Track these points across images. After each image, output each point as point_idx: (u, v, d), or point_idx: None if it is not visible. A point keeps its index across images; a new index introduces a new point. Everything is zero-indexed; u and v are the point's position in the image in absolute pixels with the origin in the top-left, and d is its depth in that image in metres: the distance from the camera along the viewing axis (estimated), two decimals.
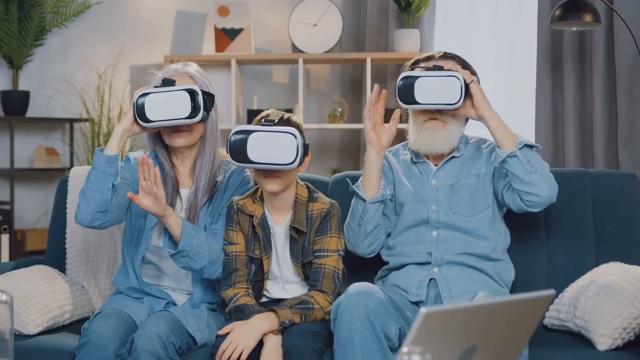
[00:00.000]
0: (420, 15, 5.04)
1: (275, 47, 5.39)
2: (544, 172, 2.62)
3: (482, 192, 2.76)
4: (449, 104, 2.64)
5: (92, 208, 2.66)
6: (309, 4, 5.12)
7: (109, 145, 2.69)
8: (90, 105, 5.25)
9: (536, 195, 2.61)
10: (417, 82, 2.65)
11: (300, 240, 2.67)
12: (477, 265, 2.72)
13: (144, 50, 5.36)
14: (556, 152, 4.91)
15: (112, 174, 2.65)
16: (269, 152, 2.51)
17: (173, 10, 5.39)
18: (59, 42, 5.33)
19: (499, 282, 2.76)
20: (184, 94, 2.65)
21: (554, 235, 2.99)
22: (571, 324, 2.66)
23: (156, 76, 2.81)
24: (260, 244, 2.69)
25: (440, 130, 2.76)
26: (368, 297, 2.41)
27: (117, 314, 2.63)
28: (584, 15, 3.93)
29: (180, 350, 2.56)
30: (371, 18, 5.24)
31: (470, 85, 2.66)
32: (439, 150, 2.78)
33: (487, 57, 5.17)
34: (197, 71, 2.82)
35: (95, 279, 3.18)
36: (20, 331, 2.76)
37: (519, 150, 2.61)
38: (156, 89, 2.67)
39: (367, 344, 2.38)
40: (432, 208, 2.77)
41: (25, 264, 3.21)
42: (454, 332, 1.55)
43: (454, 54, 2.87)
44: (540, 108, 4.90)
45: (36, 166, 5.15)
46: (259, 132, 2.53)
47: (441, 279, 2.70)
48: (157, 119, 2.66)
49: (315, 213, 2.67)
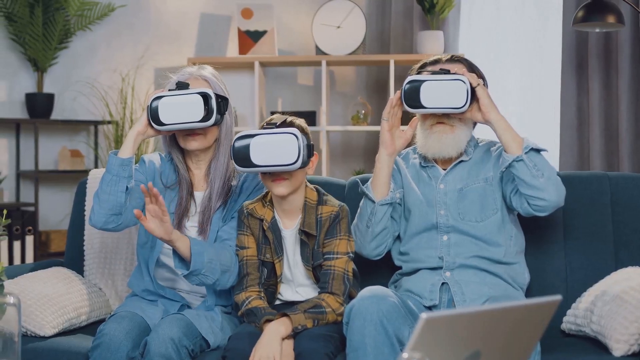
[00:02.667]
0: (444, 16, 5.02)
1: (299, 49, 5.39)
2: (551, 176, 2.60)
3: (490, 196, 2.74)
4: (455, 107, 2.62)
5: (106, 211, 2.67)
6: (333, 6, 5.12)
7: (123, 148, 2.69)
8: (113, 108, 5.28)
9: (543, 199, 2.59)
10: (423, 86, 2.63)
11: (310, 244, 2.67)
12: (489, 269, 2.70)
13: (168, 53, 5.38)
14: (581, 155, 4.86)
15: (125, 176, 2.65)
16: (272, 154, 2.51)
17: (197, 13, 5.40)
18: (83, 45, 5.36)
19: (513, 285, 2.73)
20: (197, 97, 2.65)
21: (571, 239, 2.95)
22: (588, 329, 2.63)
23: (171, 79, 2.81)
24: (272, 247, 2.69)
25: (448, 134, 2.74)
26: (381, 301, 2.40)
27: (131, 317, 2.63)
28: (608, 16, 3.88)
29: (193, 353, 2.56)
30: (396, 20, 5.22)
31: (477, 88, 2.64)
32: (447, 155, 2.76)
33: (511, 58, 5.13)
34: (212, 74, 2.82)
35: (113, 281, 3.20)
36: (36, 333, 2.78)
37: (525, 154, 2.58)
38: (170, 92, 2.68)
39: (379, 348, 2.36)
40: (440, 213, 2.76)
41: (44, 265, 3.23)
42: (456, 338, 1.53)
43: (462, 57, 2.85)
44: (565, 110, 4.85)
45: (61, 168, 5.19)
46: (260, 136, 2.53)
47: (453, 283, 2.68)
48: (171, 122, 2.66)
49: (324, 216, 2.66)
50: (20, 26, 5.08)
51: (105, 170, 2.68)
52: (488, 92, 2.67)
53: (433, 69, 2.76)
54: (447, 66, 2.76)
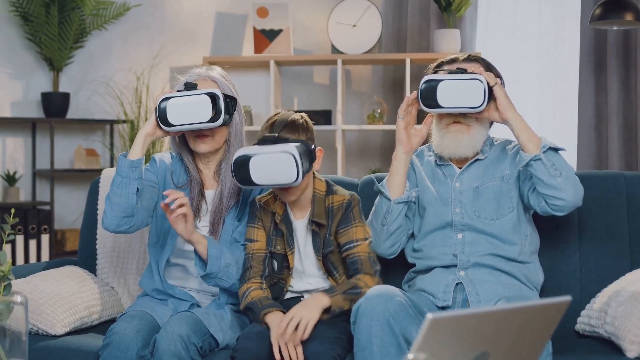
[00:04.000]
0: (460, 15, 4.99)
1: (315, 48, 5.37)
2: (569, 176, 2.57)
3: (506, 194, 2.71)
4: (472, 107, 2.60)
5: (118, 213, 2.65)
6: (348, 5, 5.10)
7: (133, 150, 2.68)
8: (127, 107, 5.29)
9: (561, 199, 2.56)
10: (440, 85, 2.61)
11: (322, 233, 2.66)
12: (504, 268, 2.67)
13: (183, 52, 5.38)
14: (599, 154, 4.82)
15: (136, 178, 2.64)
16: (271, 174, 2.50)
17: (213, 12, 5.40)
18: (99, 44, 5.38)
19: (527, 284, 2.71)
20: (205, 98, 2.63)
21: (587, 239, 2.92)
22: (602, 330, 2.60)
23: (179, 80, 2.80)
24: (284, 239, 2.69)
25: (465, 134, 2.72)
26: (388, 300, 2.38)
27: (141, 316, 2.63)
28: (625, 14, 3.85)
29: (202, 351, 2.56)
30: (412, 18, 5.19)
31: (494, 88, 2.61)
32: (463, 154, 2.74)
33: (529, 56, 5.09)
34: (221, 75, 2.81)
35: (125, 280, 3.19)
36: (47, 331, 2.77)
37: (543, 153, 2.55)
38: (178, 93, 2.66)
39: (386, 348, 2.34)
40: (455, 211, 2.73)
41: (56, 264, 3.23)
42: (463, 339, 1.51)
43: (478, 56, 2.82)
44: (583, 109, 4.81)
45: (76, 167, 5.20)
46: (258, 156, 2.51)
47: (468, 283, 2.65)
48: (179, 123, 2.65)
49: (335, 205, 2.66)
50: (36, 26, 5.10)
51: (115, 173, 2.66)
52: (505, 92, 2.64)
53: (450, 68, 2.74)
54: (464, 65, 2.73)
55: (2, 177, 5.10)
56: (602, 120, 4.82)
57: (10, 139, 5.21)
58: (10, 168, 5.18)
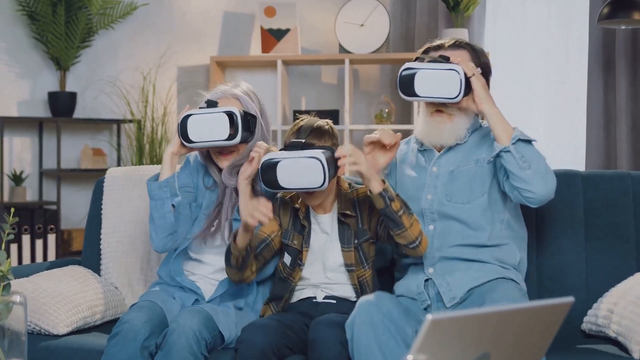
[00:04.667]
0: (469, 14, 4.96)
1: (322, 48, 5.36)
2: (539, 169, 2.55)
3: (479, 178, 2.70)
4: (448, 97, 2.62)
5: (161, 234, 2.78)
6: (356, 4, 5.08)
7: (162, 172, 2.79)
8: (134, 107, 5.28)
9: (530, 191, 2.55)
10: (418, 74, 2.62)
11: (351, 224, 2.68)
12: (474, 257, 2.66)
13: (190, 51, 5.37)
14: (608, 153, 4.79)
15: (168, 196, 2.75)
16: (299, 178, 2.54)
17: (220, 11, 5.39)
18: (106, 44, 5.37)
19: (502, 265, 2.68)
20: (223, 116, 2.70)
21: (593, 239, 2.89)
22: (609, 330, 2.58)
23: (203, 97, 2.86)
24: (304, 236, 2.70)
25: (447, 123, 2.72)
26: (379, 304, 2.37)
27: (150, 307, 2.64)
28: (633, 13, 3.82)
29: (209, 346, 2.55)
30: (421, 18, 5.17)
31: (471, 79, 2.62)
32: (445, 143, 2.75)
33: (537, 56, 5.06)
34: (245, 92, 2.85)
35: (129, 280, 3.18)
36: (49, 331, 2.76)
37: (512, 145, 2.55)
38: (199, 110, 2.74)
39: (390, 352, 2.32)
40: (427, 198, 2.73)
41: (60, 264, 3.23)
42: (463, 340, 1.49)
43: (466, 43, 2.81)
44: (591, 108, 4.79)
45: (83, 167, 5.19)
46: (286, 160, 2.55)
47: (437, 276, 2.65)
48: (199, 140, 2.73)
49: (361, 195, 2.70)
50: (43, 25, 5.09)
51: (149, 197, 2.77)
52: (484, 83, 2.65)
53: (434, 54, 2.74)
54: (449, 52, 2.74)
55: (8, 177, 5.10)
56: (610, 119, 4.79)
57: (17, 138, 5.21)
58: (17, 167, 5.18)
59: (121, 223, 3.24)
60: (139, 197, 3.25)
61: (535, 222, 2.92)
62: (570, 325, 2.72)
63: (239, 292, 2.81)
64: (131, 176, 3.30)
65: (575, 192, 2.93)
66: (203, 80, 5.33)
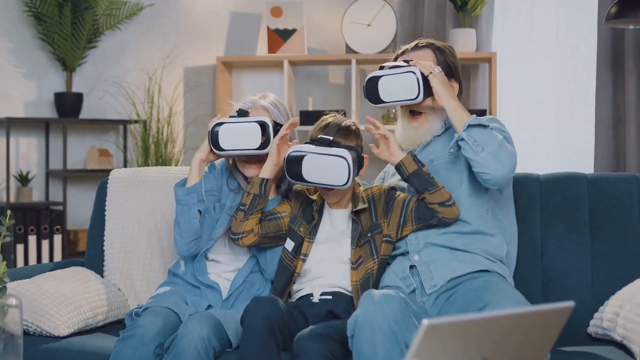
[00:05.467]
0: (476, 14, 4.93)
1: (329, 48, 5.33)
2: (493, 150, 2.57)
3: (456, 167, 2.74)
4: (410, 99, 2.70)
5: (186, 239, 2.81)
6: (363, 4, 5.06)
7: (190, 178, 2.82)
8: (140, 107, 5.27)
9: (486, 173, 2.59)
10: (380, 81, 2.72)
11: (364, 220, 2.72)
12: (459, 246, 2.66)
13: (197, 52, 5.36)
14: (617, 154, 4.75)
15: (195, 203, 2.79)
16: (323, 174, 2.62)
17: (227, 12, 5.37)
18: (112, 44, 5.36)
19: (488, 257, 2.67)
20: (255, 125, 2.76)
21: (598, 241, 2.86)
22: (614, 333, 2.55)
23: (233, 106, 2.92)
24: (311, 227, 2.75)
25: (423, 125, 2.80)
26: (386, 306, 2.33)
27: (167, 314, 2.64)
28: None
29: (217, 353, 2.54)
30: (429, 17, 5.15)
31: (429, 77, 2.68)
32: (422, 141, 2.83)
33: (546, 55, 5.03)
34: (273, 104, 2.90)
35: (131, 281, 3.17)
36: (50, 332, 2.75)
37: (464, 131, 2.59)
38: (230, 119, 2.79)
39: (391, 357, 2.29)
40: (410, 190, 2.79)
41: (63, 265, 3.22)
42: (461, 345, 1.47)
43: (428, 43, 2.87)
44: (600, 109, 4.75)
45: (89, 167, 5.19)
46: (312, 155, 2.62)
47: (421, 264, 2.66)
48: (229, 148, 2.78)
49: (376, 193, 2.77)
50: (49, 26, 5.09)
51: (176, 202, 2.81)
52: (442, 79, 2.70)
53: (401, 59, 2.82)
54: (412, 55, 2.83)
55: (15, 177, 5.10)
56: (619, 120, 4.75)
57: (24, 139, 5.21)
58: (24, 168, 5.18)
59: (124, 224, 3.23)
60: (142, 199, 3.24)
61: (541, 224, 2.90)
62: (576, 329, 2.70)
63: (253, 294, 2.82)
64: (134, 177, 3.29)
65: (580, 194, 2.90)
66: (209, 81, 5.32)
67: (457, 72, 2.86)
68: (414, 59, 2.75)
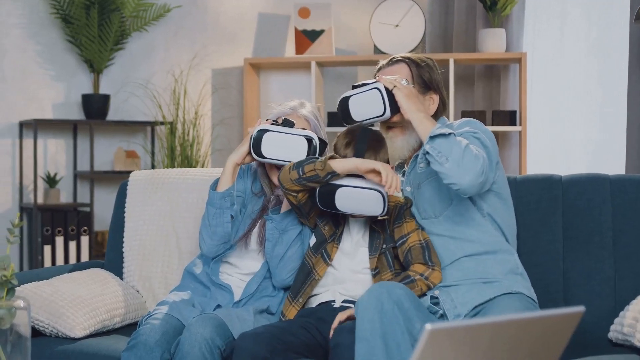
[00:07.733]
0: (506, 14, 4.87)
1: (357, 49, 5.30)
2: (456, 158, 2.46)
3: (441, 185, 2.66)
4: (378, 116, 2.67)
5: (216, 242, 2.80)
6: (391, 5, 5.01)
7: (223, 181, 2.81)
8: (165, 109, 5.27)
9: (454, 184, 2.49)
10: (350, 102, 2.69)
11: (382, 230, 2.68)
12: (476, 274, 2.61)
13: (224, 53, 5.35)
14: None
15: (228, 206, 2.78)
16: (357, 205, 2.56)
17: (254, 13, 5.36)
18: (139, 46, 5.37)
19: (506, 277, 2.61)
20: (302, 140, 2.73)
21: (621, 245, 2.80)
22: (634, 339, 2.48)
23: (273, 110, 2.89)
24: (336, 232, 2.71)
25: (399, 136, 2.75)
26: (391, 290, 2.32)
27: (166, 319, 2.62)
28: None
29: (224, 354, 2.52)
30: (459, 18, 5.09)
31: (393, 91, 2.63)
32: (400, 156, 2.78)
33: (577, 56, 4.95)
34: (312, 113, 2.88)
35: (150, 284, 3.16)
36: (66, 334, 2.74)
37: (427, 143, 2.50)
38: (276, 127, 2.74)
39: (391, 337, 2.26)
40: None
41: (83, 267, 3.21)
42: (466, 351, 1.42)
43: (403, 57, 2.82)
44: (632, 110, 4.66)
45: (116, 169, 5.20)
46: (345, 188, 2.56)
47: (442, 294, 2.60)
48: (271, 157, 2.75)
49: (391, 204, 2.68)
50: (77, 28, 5.11)
51: (208, 203, 2.80)
52: (408, 92, 2.63)
53: (378, 76, 2.80)
54: (387, 70, 2.80)
55: (43, 179, 5.12)
56: None
57: (52, 140, 5.23)
58: (52, 170, 5.20)
59: (143, 226, 3.23)
60: (161, 200, 3.23)
61: (563, 227, 2.84)
62: (597, 334, 2.64)
63: (265, 296, 2.81)
64: (154, 179, 3.28)
65: (603, 196, 2.83)
66: (236, 83, 5.30)
67: (436, 84, 2.78)
68: (389, 74, 2.73)
